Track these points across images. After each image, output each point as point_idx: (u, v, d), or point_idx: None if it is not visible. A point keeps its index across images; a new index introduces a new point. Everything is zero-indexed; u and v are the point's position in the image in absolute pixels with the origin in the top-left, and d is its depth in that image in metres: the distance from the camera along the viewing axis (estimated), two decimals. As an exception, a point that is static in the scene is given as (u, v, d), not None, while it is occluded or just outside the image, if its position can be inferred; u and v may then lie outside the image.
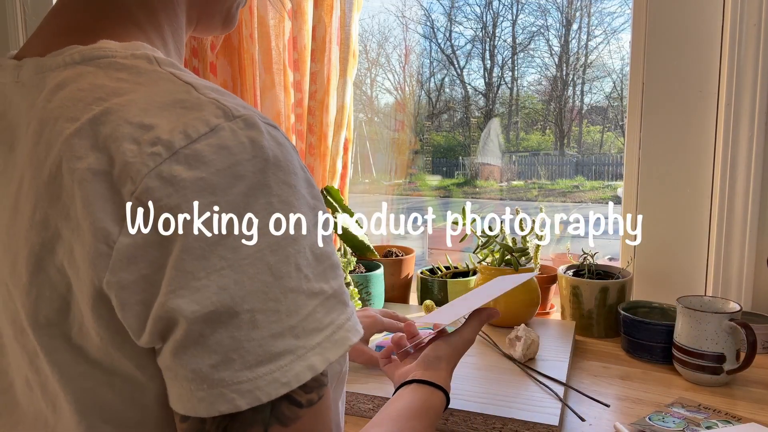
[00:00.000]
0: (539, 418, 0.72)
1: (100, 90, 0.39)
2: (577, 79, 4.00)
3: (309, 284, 0.38)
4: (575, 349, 1.00)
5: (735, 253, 1.06)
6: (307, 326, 0.37)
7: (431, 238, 2.78)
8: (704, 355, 0.84)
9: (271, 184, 0.37)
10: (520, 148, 4.26)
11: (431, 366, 0.68)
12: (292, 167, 0.39)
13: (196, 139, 0.36)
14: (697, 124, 1.08)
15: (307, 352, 0.37)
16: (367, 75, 3.04)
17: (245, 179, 0.36)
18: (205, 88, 0.40)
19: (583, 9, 4.06)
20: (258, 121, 0.39)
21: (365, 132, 2.75)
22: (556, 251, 1.47)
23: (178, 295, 0.35)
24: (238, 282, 0.35)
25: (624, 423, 0.74)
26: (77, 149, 0.37)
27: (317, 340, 0.37)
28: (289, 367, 0.36)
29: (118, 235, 0.35)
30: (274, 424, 0.36)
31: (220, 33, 0.58)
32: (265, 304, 0.36)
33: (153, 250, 0.35)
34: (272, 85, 1.31)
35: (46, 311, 0.39)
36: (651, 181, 1.13)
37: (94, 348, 0.39)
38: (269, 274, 0.36)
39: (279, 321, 0.36)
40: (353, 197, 1.49)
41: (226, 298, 0.35)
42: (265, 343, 0.36)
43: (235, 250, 0.35)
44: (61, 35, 0.45)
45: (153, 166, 0.35)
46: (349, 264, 1.10)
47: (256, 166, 0.37)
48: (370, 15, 2.92)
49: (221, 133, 0.37)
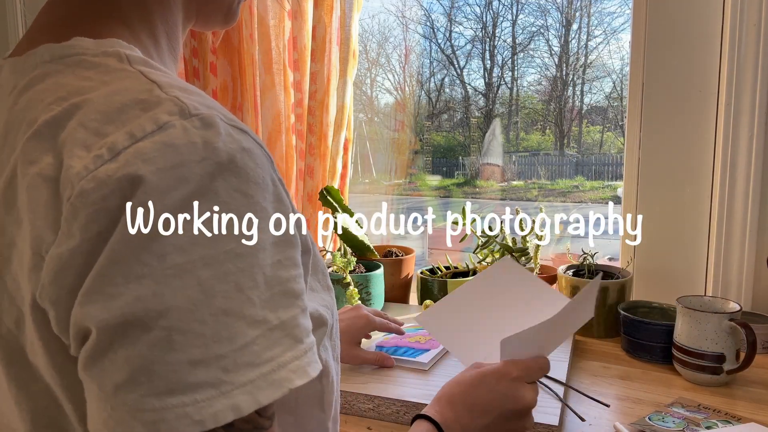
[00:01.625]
0: (539, 418, 0.72)
1: (62, 89, 0.37)
2: (577, 79, 4.00)
3: (252, 310, 0.33)
4: (575, 349, 1.00)
5: (735, 253, 1.06)
6: (239, 358, 0.32)
7: (431, 238, 2.78)
8: (704, 355, 0.84)
9: (219, 190, 0.33)
10: (520, 148, 4.26)
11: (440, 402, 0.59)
12: (254, 176, 0.35)
13: (141, 139, 0.33)
14: (697, 124, 1.08)
15: (233, 389, 0.32)
16: (367, 75, 3.04)
17: (189, 182, 0.32)
18: (170, 87, 0.37)
19: (583, 9, 4.05)
20: (218, 121, 0.35)
21: (365, 132, 2.75)
22: (556, 251, 1.47)
23: (91, 299, 0.31)
24: (158, 294, 0.31)
25: (624, 423, 0.74)
26: (31, 153, 0.35)
27: (249, 377, 0.32)
28: (207, 403, 0.31)
29: (50, 244, 0.33)
30: None
31: (221, 28, 0.55)
32: (187, 324, 0.31)
33: (80, 260, 0.32)
34: (272, 85, 1.31)
35: (7, 322, 0.37)
36: (651, 181, 1.13)
37: (42, 367, 0.36)
38: (198, 290, 0.32)
39: (203, 346, 0.31)
40: (353, 197, 1.49)
41: (139, 309, 0.31)
42: (180, 369, 0.31)
43: (161, 257, 0.31)
44: (41, 33, 0.43)
45: (93, 169, 0.32)
46: (349, 264, 1.10)
47: (205, 168, 0.33)
48: (370, 15, 2.92)
49: (170, 130, 0.33)
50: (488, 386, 0.58)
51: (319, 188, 1.31)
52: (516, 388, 0.59)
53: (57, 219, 0.33)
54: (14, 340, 0.37)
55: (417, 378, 0.84)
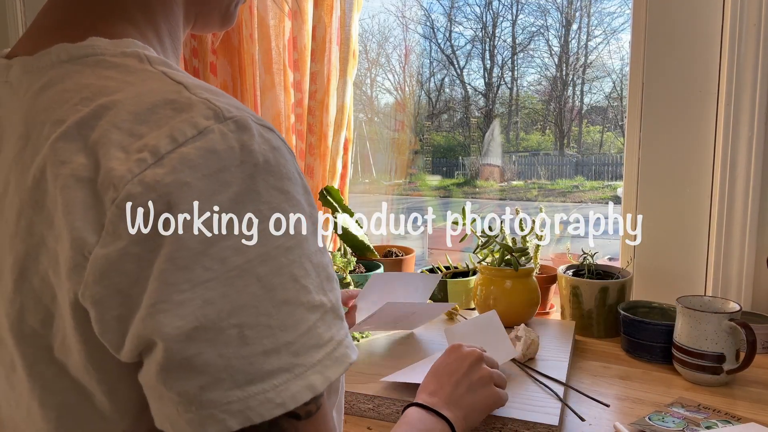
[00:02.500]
0: (539, 418, 0.72)
1: (86, 89, 0.37)
2: (577, 79, 4.00)
3: (308, 296, 0.36)
4: (575, 349, 1.00)
5: (735, 253, 1.06)
6: (307, 342, 0.35)
7: (431, 238, 2.77)
8: (704, 355, 0.84)
9: (261, 190, 0.35)
10: (520, 148, 4.26)
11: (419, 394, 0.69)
12: (286, 172, 0.37)
13: (183, 143, 0.34)
14: (697, 124, 1.08)
15: (306, 371, 0.34)
16: (367, 75, 3.04)
17: (232, 186, 0.34)
18: (197, 88, 0.38)
19: (583, 9, 4.06)
20: (251, 123, 0.36)
21: (365, 132, 2.75)
22: (556, 251, 1.47)
23: (160, 309, 0.32)
24: (225, 295, 0.33)
25: (624, 423, 0.74)
26: (62, 153, 0.35)
27: (318, 358, 0.35)
28: (285, 386, 0.34)
29: (94, 245, 0.33)
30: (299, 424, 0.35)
31: (219, 30, 0.56)
32: (255, 318, 0.33)
33: (129, 262, 0.33)
34: (272, 85, 1.31)
35: (30, 321, 0.37)
36: (651, 181, 1.13)
37: (74, 364, 0.37)
38: (259, 286, 0.34)
39: (272, 336, 0.34)
40: (353, 197, 1.49)
41: (211, 312, 0.33)
42: (256, 361, 0.33)
43: (222, 261, 0.33)
44: (51, 33, 0.43)
45: (138, 172, 0.33)
46: (349, 264, 1.10)
47: (245, 171, 0.34)
48: (370, 15, 2.91)
49: (210, 135, 0.34)
50: (443, 361, 0.72)
51: (319, 188, 1.31)
52: (462, 348, 0.73)
53: (98, 220, 0.33)
54: (39, 340, 0.37)
55: (416, 378, 0.84)
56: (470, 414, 0.67)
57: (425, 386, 0.69)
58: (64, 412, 0.38)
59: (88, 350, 0.36)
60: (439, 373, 0.70)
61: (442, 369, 0.71)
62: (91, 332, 0.35)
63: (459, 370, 0.70)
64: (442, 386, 0.68)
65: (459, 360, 0.71)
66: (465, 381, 0.69)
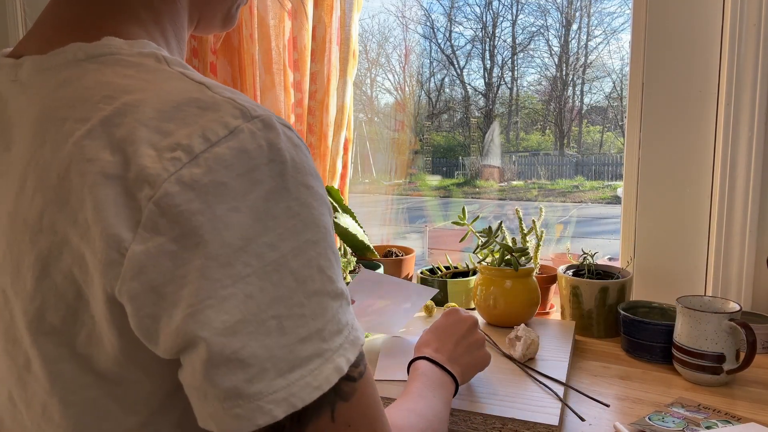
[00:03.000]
0: (539, 418, 0.72)
1: (107, 87, 0.38)
2: (577, 79, 4.00)
3: (332, 285, 0.38)
4: (575, 349, 1.00)
5: (735, 253, 1.06)
6: (331, 328, 0.37)
7: (431, 238, 2.78)
8: (704, 355, 0.84)
9: (290, 187, 0.37)
10: (520, 148, 4.27)
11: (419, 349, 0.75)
12: (309, 168, 0.38)
13: (216, 143, 0.35)
14: (697, 124, 1.08)
15: (333, 354, 0.37)
16: (367, 75, 3.04)
17: (264, 184, 0.35)
18: (218, 87, 0.39)
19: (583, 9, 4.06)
20: (275, 122, 0.38)
21: (365, 132, 2.75)
22: (556, 251, 1.47)
23: (207, 305, 0.34)
24: (264, 289, 0.35)
25: (624, 423, 0.74)
26: (88, 151, 0.35)
27: (339, 342, 0.38)
28: (319, 370, 0.36)
29: (130, 242, 0.34)
30: (338, 402, 0.37)
31: (220, 32, 0.57)
32: (290, 309, 0.36)
33: (166, 260, 0.34)
34: (272, 86, 1.31)
35: (51, 318, 0.37)
36: (651, 181, 1.13)
37: (104, 357, 0.37)
38: (292, 279, 0.36)
39: (305, 325, 0.36)
40: (353, 197, 1.49)
41: (252, 306, 0.34)
42: (295, 349, 0.35)
43: (259, 257, 0.35)
44: (61, 32, 0.43)
45: (173, 171, 0.34)
46: (349, 264, 1.10)
47: (274, 169, 0.36)
48: (370, 15, 2.92)
49: (240, 135, 0.36)
50: (442, 322, 0.78)
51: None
52: (459, 312, 0.80)
53: (133, 217, 0.34)
54: (59, 336, 0.38)
55: (417, 378, 0.84)
56: (466, 371, 0.74)
57: (427, 342, 0.74)
58: (85, 407, 0.39)
59: (123, 344, 0.37)
60: (439, 333, 0.76)
61: (442, 329, 0.77)
62: (127, 326, 0.36)
63: (458, 331, 0.76)
64: (444, 344, 0.74)
65: (458, 322, 0.77)
66: (464, 342, 0.75)
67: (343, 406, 0.38)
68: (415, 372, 0.69)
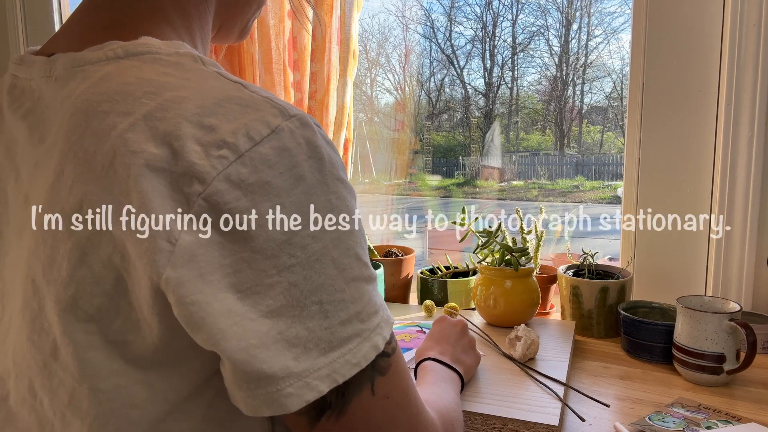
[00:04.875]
0: (539, 418, 0.72)
1: (148, 84, 0.39)
2: (577, 79, 4.00)
3: (367, 271, 0.41)
4: (575, 349, 1.00)
5: (735, 253, 1.06)
6: (368, 310, 0.40)
7: (431, 238, 2.78)
8: (704, 355, 0.84)
9: (328, 182, 0.39)
10: (520, 148, 4.27)
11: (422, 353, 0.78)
12: (340, 163, 0.41)
13: (260, 142, 0.37)
14: (697, 124, 1.08)
15: (371, 333, 0.40)
16: (367, 75, 3.04)
17: (305, 179, 0.38)
18: (254, 86, 0.41)
19: (583, 9, 4.06)
20: (309, 120, 0.40)
21: (365, 132, 2.75)
22: (556, 251, 1.47)
23: (255, 291, 0.36)
24: (307, 278, 0.37)
25: (624, 423, 0.74)
26: (132, 144, 0.37)
27: (376, 322, 0.41)
28: (358, 348, 0.39)
29: (180, 232, 0.36)
30: (377, 376, 0.40)
31: (234, 42, 0.59)
32: (332, 295, 0.38)
33: (214, 250, 0.36)
34: (272, 85, 1.31)
35: (85, 306, 0.38)
36: (651, 181, 1.13)
37: (140, 344, 0.39)
38: (334, 267, 0.39)
39: (345, 309, 0.39)
40: (353, 197, 1.49)
41: (296, 293, 0.37)
42: (336, 330, 0.38)
43: (303, 248, 0.37)
44: (97, 31, 0.45)
45: (221, 169, 0.36)
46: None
47: (313, 166, 0.38)
48: (370, 15, 2.92)
49: (281, 134, 0.38)
50: (438, 330, 0.83)
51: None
52: (447, 319, 0.86)
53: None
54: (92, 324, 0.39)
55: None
56: (468, 370, 0.79)
57: (429, 347, 0.78)
58: (115, 395, 0.39)
59: (163, 330, 0.38)
60: (437, 338, 0.81)
61: (438, 335, 0.82)
62: (169, 313, 0.37)
63: (453, 335, 0.82)
64: (444, 347, 0.78)
65: (451, 327, 0.83)
66: (460, 343, 0.81)
67: (381, 380, 0.41)
68: (424, 371, 0.73)
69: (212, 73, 0.41)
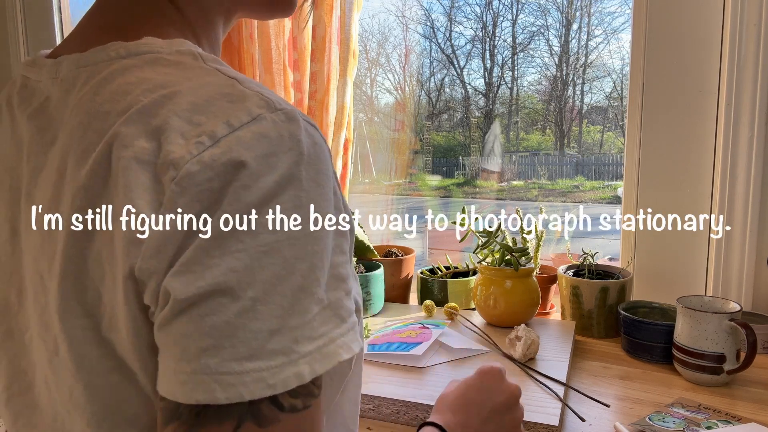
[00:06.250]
0: (539, 418, 0.72)
1: (147, 82, 0.40)
2: (577, 79, 4.00)
3: (318, 289, 0.37)
4: (575, 349, 1.00)
5: (735, 253, 1.06)
6: (305, 332, 0.36)
7: (431, 238, 2.78)
8: (704, 355, 0.84)
9: (303, 178, 0.37)
10: (520, 148, 4.27)
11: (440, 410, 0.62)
12: (324, 168, 0.39)
13: (238, 127, 0.36)
14: (697, 124, 1.08)
15: (299, 359, 0.35)
16: (367, 75, 3.04)
17: (279, 169, 0.36)
18: (249, 82, 0.40)
19: (583, 9, 4.06)
20: (298, 117, 0.39)
21: (365, 132, 2.75)
22: (556, 251, 1.47)
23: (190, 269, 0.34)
24: (249, 267, 0.34)
25: (624, 423, 0.74)
26: (124, 138, 0.37)
27: (309, 349, 0.36)
28: (279, 369, 0.34)
29: (151, 222, 0.35)
30: (249, 420, 0.34)
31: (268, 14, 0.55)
32: (270, 296, 0.35)
33: (180, 235, 0.35)
34: (272, 85, 1.31)
35: (80, 301, 0.39)
36: (651, 181, 1.13)
37: (121, 342, 0.38)
38: (282, 266, 0.35)
39: (281, 317, 0.35)
40: (353, 197, 1.49)
41: (232, 279, 0.34)
42: (261, 337, 0.34)
43: (255, 235, 0.35)
44: (101, 33, 0.45)
45: (196, 154, 0.35)
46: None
47: (291, 158, 0.37)
48: (370, 15, 2.91)
49: (262, 122, 0.37)
50: (477, 386, 0.64)
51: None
52: (500, 381, 0.65)
53: (157, 199, 0.36)
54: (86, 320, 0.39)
55: (416, 378, 0.84)
56: None
57: (450, 405, 0.62)
58: (109, 392, 0.39)
59: (135, 326, 0.37)
60: (468, 399, 0.62)
61: (472, 395, 0.63)
62: (138, 307, 0.36)
63: (492, 405, 0.62)
64: (469, 419, 0.60)
65: (496, 392, 0.63)
66: (495, 420, 0.61)
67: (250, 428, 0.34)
68: None
69: (211, 70, 0.41)
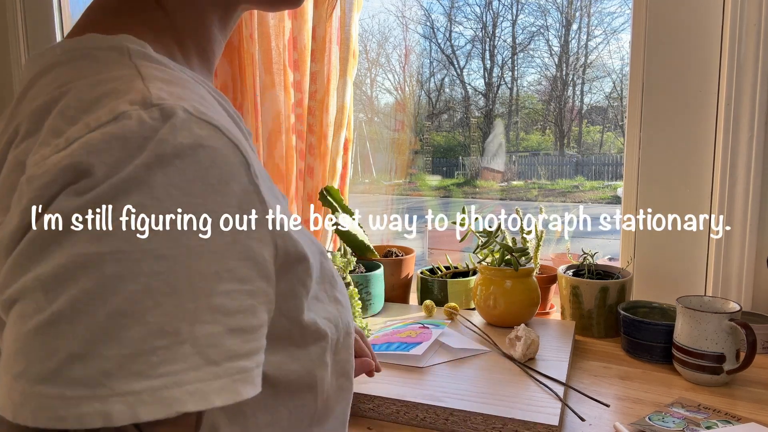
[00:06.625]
0: (539, 418, 0.72)
1: (59, 80, 0.38)
2: (577, 79, 4.00)
3: (158, 318, 0.30)
4: (575, 349, 1.00)
5: (735, 253, 1.06)
6: (127, 365, 0.29)
7: (431, 238, 2.78)
8: (704, 355, 0.84)
9: (155, 184, 0.31)
10: (520, 148, 4.27)
11: None
12: (204, 175, 0.33)
13: (95, 128, 0.32)
14: (697, 124, 1.08)
15: (110, 396, 0.28)
16: (367, 75, 3.04)
17: (122, 172, 0.31)
18: (153, 79, 0.36)
19: (583, 9, 4.06)
20: (179, 112, 0.33)
21: (365, 132, 2.75)
22: (556, 251, 1.47)
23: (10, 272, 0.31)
24: (59, 278, 0.29)
25: (624, 423, 0.74)
26: (18, 137, 0.37)
27: (134, 388, 0.29)
28: (75, 402, 0.28)
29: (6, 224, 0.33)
30: None
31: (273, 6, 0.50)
32: (76, 315, 0.29)
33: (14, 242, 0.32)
34: (272, 85, 1.31)
35: None
36: (651, 181, 1.13)
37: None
38: (98, 284, 0.29)
39: (85, 342, 0.29)
40: (353, 197, 1.49)
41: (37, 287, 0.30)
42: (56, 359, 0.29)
43: (73, 244, 0.30)
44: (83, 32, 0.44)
45: (47, 156, 0.32)
46: (349, 264, 1.10)
47: (143, 160, 0.31)
48: (370, 15, 2.92)
49: (123, 121, 0.32)
50: None
51: (319, 188, 1.31)
52: None
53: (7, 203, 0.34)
54: None
55: (416, 378, 0.84)
56: None
57: None
58: None
59: None
60: None
61: None
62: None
63: None
64: None
65: None
66: None
67: None
68: None
69: (127, 66, 0.37)
